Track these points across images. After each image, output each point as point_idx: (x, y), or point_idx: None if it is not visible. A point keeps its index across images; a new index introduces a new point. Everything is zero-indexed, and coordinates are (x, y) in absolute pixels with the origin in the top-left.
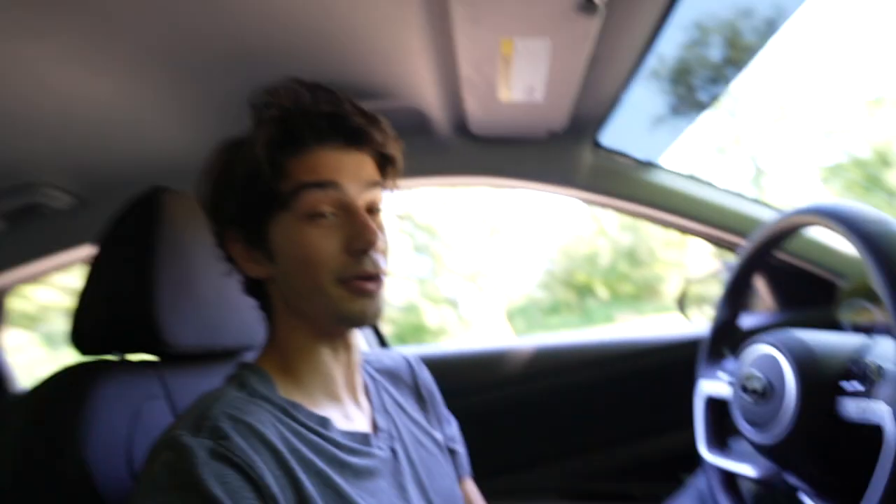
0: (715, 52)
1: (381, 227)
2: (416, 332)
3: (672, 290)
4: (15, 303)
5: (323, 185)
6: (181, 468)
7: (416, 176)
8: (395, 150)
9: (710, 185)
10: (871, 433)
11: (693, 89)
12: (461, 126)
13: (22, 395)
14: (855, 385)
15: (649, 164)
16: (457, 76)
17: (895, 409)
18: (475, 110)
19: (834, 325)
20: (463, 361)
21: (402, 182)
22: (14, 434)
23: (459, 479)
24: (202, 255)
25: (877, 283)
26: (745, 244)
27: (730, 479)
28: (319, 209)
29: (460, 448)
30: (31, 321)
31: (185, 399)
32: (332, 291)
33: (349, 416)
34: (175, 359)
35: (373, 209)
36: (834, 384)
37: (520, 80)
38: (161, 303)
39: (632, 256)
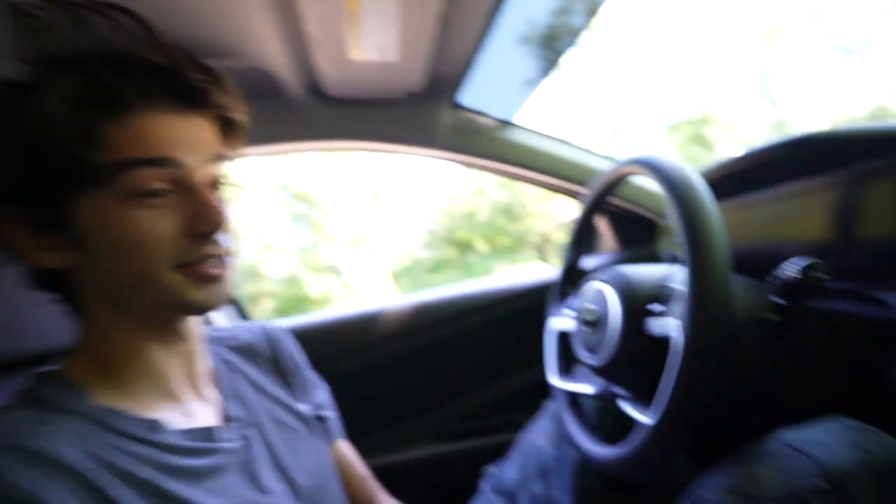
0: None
1: (225, 203)
2: (298, 303)
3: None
4: None
5: (157, 161)
6: None
7: (270, 142)
8: (240, 114)
9: (561, 141)
10: (668, 344)
11: (552, 50)
12: (315, 88)
13: None
14: (658, 307)
15: (506, 123)
16: (302, 34)
17: (682, 322)
18: (327, 70)
19: (657, 259)
20: (331, 329)
21: (255, 149)
22: None
23: (332, 443)
24: None
25: (672, 219)
26: (586, 193)
27: (573, 398)
28: (150, 187)
29: (330, 413)
30: None
31: None
32: (169, 279)
33: (190, 412)
34: None
35: (217, 183)
36: (645, 308)
37: (370, 38)
38: None
39: (508, 212)
